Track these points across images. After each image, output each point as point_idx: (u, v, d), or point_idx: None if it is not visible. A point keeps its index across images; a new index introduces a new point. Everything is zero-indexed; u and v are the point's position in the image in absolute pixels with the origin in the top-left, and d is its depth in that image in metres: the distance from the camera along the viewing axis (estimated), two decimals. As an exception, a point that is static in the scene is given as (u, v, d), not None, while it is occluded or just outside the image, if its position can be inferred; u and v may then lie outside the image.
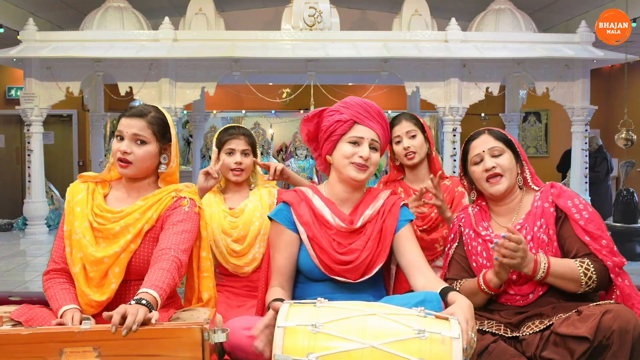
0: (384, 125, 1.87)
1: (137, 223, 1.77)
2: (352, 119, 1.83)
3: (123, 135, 1.80)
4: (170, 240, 1.72)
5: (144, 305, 1.47)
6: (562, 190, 1.89)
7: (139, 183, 1.86)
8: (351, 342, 1.36)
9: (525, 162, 1.97)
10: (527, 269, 1.75)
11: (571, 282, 1.76)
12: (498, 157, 1.92)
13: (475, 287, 1.86)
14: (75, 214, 1.80)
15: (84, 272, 1.76)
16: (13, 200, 9.14)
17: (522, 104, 8.64)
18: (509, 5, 7.12)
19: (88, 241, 1.76)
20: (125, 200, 1.85)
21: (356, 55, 6.55)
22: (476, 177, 1.96)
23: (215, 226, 2.36)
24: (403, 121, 2.48)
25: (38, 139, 6.79)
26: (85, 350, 1.38)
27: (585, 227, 1.81)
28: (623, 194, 6.27)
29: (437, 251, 2.43)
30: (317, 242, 1.81)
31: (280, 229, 1.85)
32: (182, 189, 1.85)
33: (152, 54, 6.51)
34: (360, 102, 1.86)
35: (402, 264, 1.85)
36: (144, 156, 1.81)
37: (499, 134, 1.97)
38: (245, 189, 2.48)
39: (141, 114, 1.83)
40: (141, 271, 1.76)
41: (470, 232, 1.98)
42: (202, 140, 8.44)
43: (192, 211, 1.81)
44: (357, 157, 1.80)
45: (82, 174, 1.90)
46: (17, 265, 5.51)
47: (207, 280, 1.87)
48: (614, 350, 1.54)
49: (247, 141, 2.42)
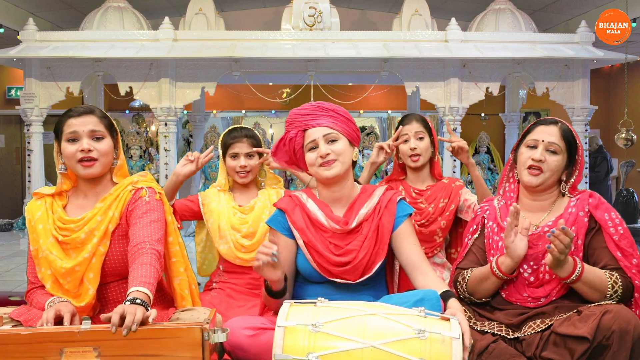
0: (332, 115, 1.83)
1: (100, 225, 1.75)
2: (299, 129, 1.85)
3: (78, 135, 1.76)
4: (142, 233, 1.71)
5: (139, 305, 1.47)
6: (601, 202, 1.86)
7: (98, 184, 1.83)
8: (351, 342, 1.36)
9: (579, 171, 1.92)
10: (564, 269, 1.71)
11: (597, 291, 1.74)
12: (551, 155, 1.87)
13: (487, 271, 1.84)
14: (38, 232, 1.77)
15: (58, 286, 1.74)
16: (13, 200, 9.14)
17: (522, 104, 8.64)
18: (509, 5, 7.12)
19: (56, 255, 1.74)
20: (85, 206, 1.82)
21: (356, 55, 6.55)
22: (522, 159, 1.91)
23: (224, 222, 2.36)
24: (413, 122, 2.52)
25: (38, 139, 6.80)
26: (85, 351, 1.38)
27: (619, 242, 1.79)
28: (623, 194, 6.29)
29: (436, 243, 2.45)
30: (313, 247, 1.81)
31: (277, 235, 1.87)
32: (137, 180, 1.84)
33: (152, 54, 6.51)
34: (297, 112, 1.87)
35: (402, 263, 1.85)
36: (107, 150, 1.79)
37: (567, 134, 1.89)
38: (252, 189, 2.49)
39: (90, 110, 1.80)
40: (118, 271, 1.76)
41: (494, 225, 1.95)
42: (202, 140, 8.44)
43: (153, 199, 1.80)
44: (318, 159, 1.80)
45: (36, 191, 1.86)
46: (17, 265, 5.50)
47: (176, 265, 1.86)
48: (613, 351, 1.54)
49: (251, 143, 2.42)
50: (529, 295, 1.82)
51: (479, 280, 1.87)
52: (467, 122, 7.08)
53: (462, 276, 1.92)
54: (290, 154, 1.90)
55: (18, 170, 9.54)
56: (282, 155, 1.93)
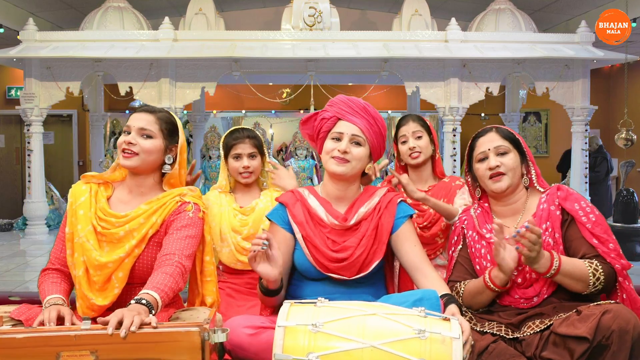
0: (370, 121, 1.85)
1: (141, 228, 1.77)
2: (335, 116, 1.86)
3: (130, 129, 1.81)
4: (174, 245, 1.72)
5: (143, 305, 1.47)
6: (569, 193, 1.89)
7: (142, 182, 1.85)
8: (351, 342, 1.36)
9: (532, 162, 1.96)
10: (540, 264, 1.73)
11: (579, 281, 1.75)
12: (503, 156, 1.91)
13: (481, 285, 1.85)
14: (78, 216, 1.78)
15: (87, 276, 1.75)
16: (13, 200, 9.14)
17: (522, 104, 8.64)
18: (509, 5, 7.12)
19: (92, 245, 1.75)
20: (129, 202, 1.84)
21: (356, 55, 6.55)
22: (479, 174, 1.96)
23: (225, 225, 2.36)
24: (410, 122, 2.51)
25: (38, 139, 6.78)
26: (82, 354, 1.37)
27: (593, 230, 1.81)
28: (623, 194, 6.27)
29: (438, 245, 2.45)
30: (311, 241, 1.83)
31: (276, 229, 1.89)
32: (186, 193, 1.85)
33: (152, 54, 6.50)
34: (344, 99, 1.88)
35: (403, 264, 1.86)
36: (149, 148, 1.81)
37: (506, 133, 1.96)
38: (255, 189, 2.49)
39: (151, 110, 1.85)
40: (144, 275, 1.76)
41: (474, 234, 1.97)
42: (202, 140, 8.43)
43: (196, 216, 1.81)
44: (336, 151, 1.82)
45: (85, 174, 1.88)
46: (17, 265, 5.50)
47: (210, 285, 1.88)
48: (613, 350, 1.54)
49: (253, 144, 2.42)
50: (521, 296, 1.83)
51: (473, 295, 1.89)
52: (467, 122, 7.07)
53: (456, 290, 1.93)
54: (315, 130, 1.91)
55: (18, 170, 9.53)
56: (309, 126, 1.94)
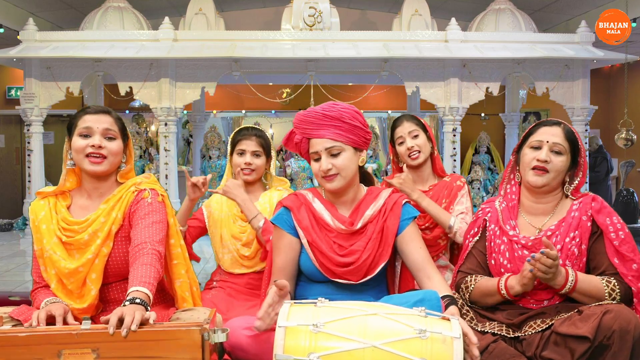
0: (336, 124, 1.77)
1: (103, 226, 1.76)
2: (304, 137, 1.83)
3: (92, 131, 1.77)
4: (143, 234, 1.72)
5: (138, 304, 1.47)
6: (603, 206, 1.85)
7: (102, 184, 1.83)
8: (352, 342, 1.35)
9: (583, 174, 1.91)
10: (556, 282, 1.72)
11: (594, 299, 1.73)
12: (556, 155, 1.85)
13: (493, 289, 1.83)
14: (42, 231, 1.78)
15: (62, 286, 1.75)
16: (13, 200, 9.13)
17: (522, 104, 8.64)
18: (509, 5, 7.12)
19: (60, 256, 1.75)
20: (89, 206, 1.83)
21: (356, 55, 6.55)
22: (525, 160, 1.89)
23: (225, 231, 2.35)
24: (404, 122, 2.47)
25: (38, 139, 6.79)
26: (83, 352, 1.37)
27: (619, 248, 1.78)
28: (623, 194, 6.29)
29: (440, 246, 2.43)
30: (317, 247, 1.81)
31: (281, 233, 1.86)
32: (140, 182, 1.84)
33: (152, 54, 6.51)
34: (302, 117, 1.81)
35: (407, 266, 1.85)
36: (117, 151, 1.80)
37: (570, 135, 1.88)
38: (257, 191, 2.45)
39: (107, 110, 1.83)
40: (120, 272, 1.77)
41: (496, 228, 1.94)
42: (202, 140, 8.44)
43: (155, 201, 1.80)
44: (321, 172, 1.79)
45: (39, 191, 1.86)
46: (17, 265, 5.50)
47: (178, 267, 1.86)
48: (614, 350, 1.54)
49: (259, 142, 2.39)
50: (532, 297, 1.82)
51: (483, 295, 1.87)
52: (467, 122, 7.08)
53: (466, 284, 1.91)
54: (298, 151, 1.90)
55: (18, 170, 9.53)
56: (291, 147, 1.92)
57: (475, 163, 8.35)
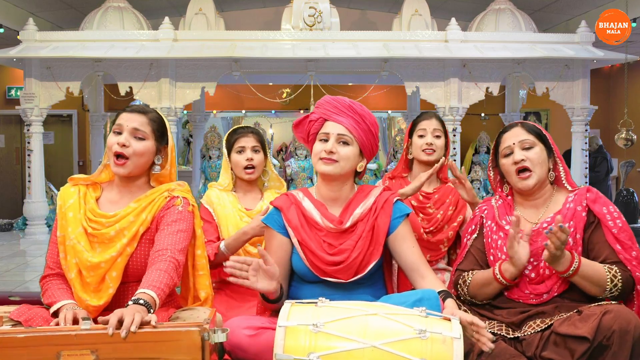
0: (357, 119, 1.83)
1: (132, 226, 1.76)
2: (321, 117, 1.85)
3: (122, 129, 1.79)
4: (166, 240, 1.72)
5: (141, 305, 1.47)
6: (599, 196, 1.88)
7: (132, 183, 1.84)
8: (352, 342, 1.36)
9: (560, 159, 1.94)
10: (560, 263, 1.72)
11: (596, 285, 1.74)
12: (528, 150, 1.89)
13: (489, 277, 1.85)
14: (68, 219, 1.77)
15: (80, 278, 1.74)
16: (13, 200, 9.14)
17: (522, 104, 8.64)
18: (509, 5, 7.12)
19: (83, 247, 1.74)
20: (118, 202, 1.83)
21: (356, 55, 6.55)
22: (506, 169, 1.93)
23: (232, 227, 2.32)
24: (433, 119, 2.50)
25: (38, 139, 6.79)
26: (82, 354, 1.37)
27: (618, 235, 1.80)
28: (623, 194, 6.29)
29: (441, 252, 2.43)
30: (307, 246, 1.81)
31: (272, 234, 1.87)
32: (174, 189, 1.84)
33: (152, 54, 6.50)
34: (329, 100, 1.87)
35: (400, 265, 1.85)
36: (142, 151, 1.79)
37: (531, 127, 1.94)
38: (257, 189, 2.46)
39: (143, 110, 1.84)
40: (139, 273, 1.76)
41: (492, 224, 1.96)
42: (202, 140, 8.44)
43: (185, 210, 1.80)
44: (323, 152, 1.81)
45: (72, 177, 1.86)
46: (17, 265, 5.50)
47: (203, 279, 1.87)
48: (614, 351, 1.54)
49: (256, 138, 2.41)
50: (531, 292, 1.82)
51: (480, 285, 1.88)
52: (467, 122, 7.08)
53: (463, 279, 1.92)
54: (305, 133, 1.91)
55: (18, 170, 9.53)
56: (301, 129, 1.93)
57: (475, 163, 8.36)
